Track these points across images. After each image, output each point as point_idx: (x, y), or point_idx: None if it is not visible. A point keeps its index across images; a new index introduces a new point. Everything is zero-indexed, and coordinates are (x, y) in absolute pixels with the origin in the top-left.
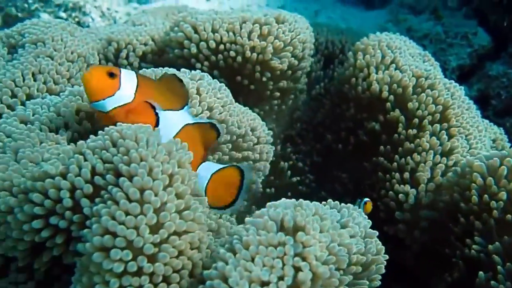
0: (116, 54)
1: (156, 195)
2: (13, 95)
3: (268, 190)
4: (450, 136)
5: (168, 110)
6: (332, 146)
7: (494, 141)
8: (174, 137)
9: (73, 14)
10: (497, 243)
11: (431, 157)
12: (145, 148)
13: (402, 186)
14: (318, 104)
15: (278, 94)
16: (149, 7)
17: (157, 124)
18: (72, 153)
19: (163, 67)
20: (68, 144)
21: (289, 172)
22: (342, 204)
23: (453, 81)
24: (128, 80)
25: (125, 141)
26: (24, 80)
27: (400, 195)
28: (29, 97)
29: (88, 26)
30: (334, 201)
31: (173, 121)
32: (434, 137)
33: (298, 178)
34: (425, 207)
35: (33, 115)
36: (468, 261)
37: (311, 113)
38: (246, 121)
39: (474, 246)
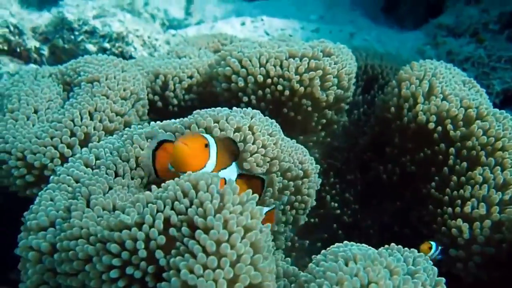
0: (164, 87)
1: (232, 247)
2: (72, 134)
3: (312, 220)
4: (503, 169)
5: (227, 167)
6: (377, 176)
7: None
8: None
9: (117, 44)
10: None
11: (486, 191)
12: (219, 199)
13: (454, 221)
14: (358, 131)
15: (323, 125)
16: (185, 31)
17: None
18: (145, 202)
19: (208, 99)
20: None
21: (332, 202)
22: (406, 248)
23: (504, 111)
24: (213, 148)
25: (199, 193)
26: (82, 119)
27: (454, 230)
28: (87, 135)
29: (131, 55)
30: (380, 231)
31: (231, 176)
32: (487, 171)
33: (342, 208)
34: (481, 244)
35: (97, 159)
36: None
37: (352, 139)
38: (295, 155)
39: None
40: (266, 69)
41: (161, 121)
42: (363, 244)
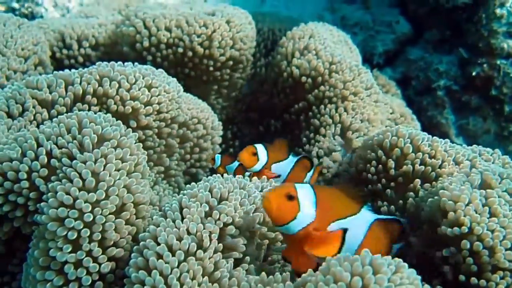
0: (69, 46)
1: (107, 175)
2: None
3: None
4: (347, 112)
5: (348, 216)
6: (268, 126)
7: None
8: (364, 240)
9: (26, 5)
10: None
11: (332, 130)
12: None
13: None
14: (260, 89)
15: (223, 83)
16: None
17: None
18: (28, 137)
19: (116, 58)
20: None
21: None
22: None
23: (359, 64)
24: (306, 197)
25: (82, 130)
26: None
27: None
28: None
29: (41, 17)
30: None
31: (358, 225)
32: (336, 114)
33: None
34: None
35: None
36: None
37: (254, 98)
38: (195, 112)
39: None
40: (168, 31)
41: None
42: None
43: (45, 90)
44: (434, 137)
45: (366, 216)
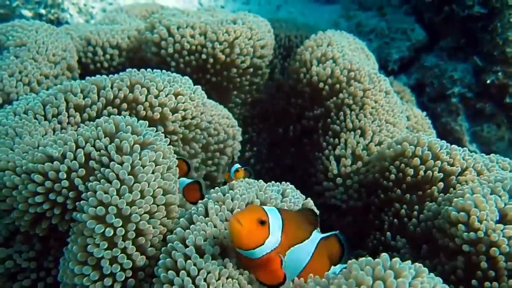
0: (95, 52)
1: (142, 177)
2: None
3: None
4: (367, 118)
5: (304, 240)
6: (287, 132)
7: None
8: (311, 259)
9: (52, 11)
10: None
11: (352, 136)
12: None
13: (328, 161)
14: (278, 95)
15: (244, 88)
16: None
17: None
18: (67, 140)
19: (139, 64)
20: (61, 131)
21: (252, 160)
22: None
23: (377, 72)
24: (275, 223)
25: (118, 133)
26: (10, 81)
27: (328, 167)
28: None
29: (66, 22)
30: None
31: (309, 247)
32: (356, 120)
33: (260, 157)
34: (343, 177)
35: (27, 105)
36: (389, 226)
37: (271, 104)
38: (217, 118)
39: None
40: (192, 38)
41: None
42: None
43: (79, 95)
44: (453, 146)
45: (315, 237)
